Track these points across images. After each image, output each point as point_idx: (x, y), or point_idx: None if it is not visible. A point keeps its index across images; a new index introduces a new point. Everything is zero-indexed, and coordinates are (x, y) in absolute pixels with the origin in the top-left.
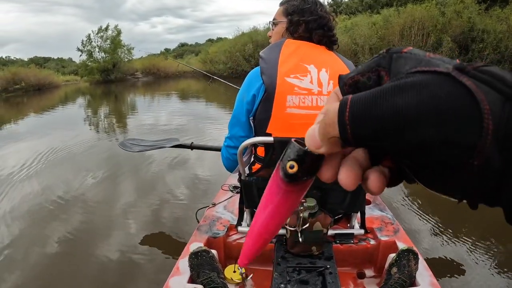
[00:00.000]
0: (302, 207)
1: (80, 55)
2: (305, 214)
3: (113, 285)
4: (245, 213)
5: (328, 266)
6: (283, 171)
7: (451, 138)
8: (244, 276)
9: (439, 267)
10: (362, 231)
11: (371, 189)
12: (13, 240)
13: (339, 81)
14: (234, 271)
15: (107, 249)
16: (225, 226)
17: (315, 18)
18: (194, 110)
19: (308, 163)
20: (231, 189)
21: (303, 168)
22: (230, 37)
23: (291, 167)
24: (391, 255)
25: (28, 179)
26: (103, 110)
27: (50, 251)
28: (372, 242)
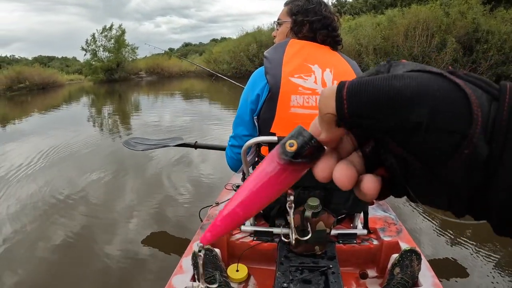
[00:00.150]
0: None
1: (85, 55)
2: (308, 213)
3: (116, 283)
4: None
5: (331, 266)
6: (282, 148)
7: (443, 124)
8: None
9: (441, 268)
10: (365, 231)
11: (364, 190)
12: (16, 238)
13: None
14: (237, 270)
15: (111, 247)
16: None
17: (320, 18)
18: (198, 109)
19: (308, 145)
20: (234, 188)
21: (302, 148)
22: (234, 37)
23: (291, 145)
24: (393, 256)
25: (31, 177)
26: (107, 109)
27: (53, 248)
28: (375, 242)
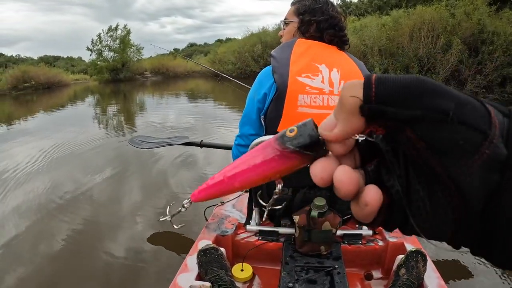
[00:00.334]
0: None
1: (90, 54)
2: (314, 213)
3: (121, 281)
4: (253, 212)
5: (336, 266)
6: (282, 132)
7: (469, 118)
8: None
9: (447, 269)
10: (371, 232)
11: (367, 199)
12: (19, 236)
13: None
14: (242, 270)
15: (115, 245)
16: (233, 224)
17: (326, 18)
18: (203, 109)
19: (309, 134)
20: None
21: (302, 135)
22: (239, 37)
23: (291, 130)
24: (399, 257)
25: (36, 176)
26: (112, 109)
27: (56, 247)
28: (380, 243)
